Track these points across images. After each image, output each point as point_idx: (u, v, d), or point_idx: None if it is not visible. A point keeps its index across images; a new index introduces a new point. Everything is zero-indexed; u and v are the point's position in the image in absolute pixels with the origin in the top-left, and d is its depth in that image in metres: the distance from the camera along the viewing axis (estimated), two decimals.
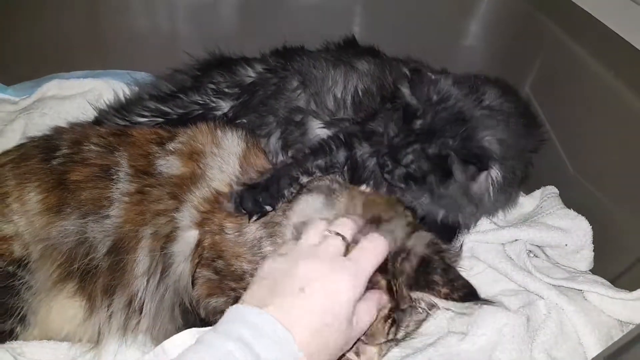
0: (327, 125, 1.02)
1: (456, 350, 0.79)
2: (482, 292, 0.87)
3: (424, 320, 0.77)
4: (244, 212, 0.84)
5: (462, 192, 0.86)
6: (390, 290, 0.69)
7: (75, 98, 1.19)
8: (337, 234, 0.66)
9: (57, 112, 1.15)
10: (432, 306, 0.71)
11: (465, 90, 0.87)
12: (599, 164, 0.98)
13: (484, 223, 0.97)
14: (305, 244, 0.66)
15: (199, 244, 0.85)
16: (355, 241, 0.68)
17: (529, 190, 1.07)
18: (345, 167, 0.96)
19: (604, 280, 0.85)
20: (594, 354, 0.75)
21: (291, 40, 1.17)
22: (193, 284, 0.84)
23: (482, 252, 0.92)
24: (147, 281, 0.83)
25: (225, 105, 1.07)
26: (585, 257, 0.90)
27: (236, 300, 0.81)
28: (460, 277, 0.69)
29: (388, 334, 0.71)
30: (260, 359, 0.52)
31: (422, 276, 0.68)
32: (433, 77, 0.89)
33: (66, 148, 0.90)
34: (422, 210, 0.91)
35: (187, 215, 0.85)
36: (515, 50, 1.19)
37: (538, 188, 1.05)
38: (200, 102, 1.07)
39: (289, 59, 1.11)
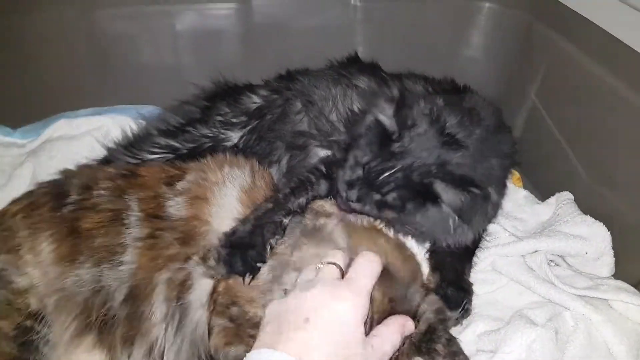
0: (325, 147, 1.01)
1: None
2: (508, 306, 0.90)
3: None
4: (237, 274, 0.82)
5: (446, 215, 0.83)
6: None
7: (83, 137, 1.18)
8: (329, 263, 0.68)
9: (66, 153, 1.15)
10: None
11: (429, 120, 0.86)
12: (612, 167, 0.98)
13: (502, 236, 0.97)
14: (302, 281, 0.68)
15: (214, 290, 0.83)
16: (348, 266, 0.69)
17: (544, 197, 1.07)
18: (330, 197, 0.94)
19: (628, 286, 0.85)
20: None
21: (295, 64, 1.18)
22: (209, 333, 0.82)
23: (503, 265, 0.92)
24: (166, 328, 0.82)
25: (234, 136, 1.07)
26: (606, 264, 0.90)
27: None
28: (461, 352, 0.71)
29: None
30: None
31: (425, 344, 0.69)
32: (414, 101, 0.89)
33: (76, 194, 0.89)
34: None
35: (198, 266, 0.84)
36: (518, 59, 1.20)
37: (553, 195, 1.05)
38: (210, 134, 1.07)
39: (291, 81, 1.11)
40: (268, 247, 0.84)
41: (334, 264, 0.68)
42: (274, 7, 1.27)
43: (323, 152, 1.01)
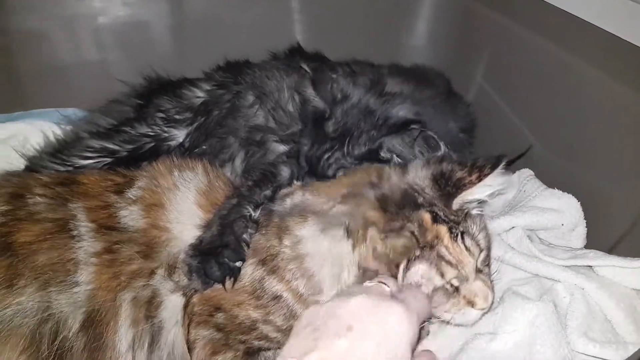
0: (284, 141, 0.95)
1: (490, 353, 0.75)
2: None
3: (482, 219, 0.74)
4: (216, 282, 0.74)
5: None
6: (435, 217, 0.68)
7: None
8: (380, 282, 0.62)
9: None
10: (479, 203, 0.71)
11: (367, 85, 0.86)
12: (566, 136, 0.99)
13: None
14: (345, 289, 0.62)
15: (186, 304, 0.75)
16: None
17: None
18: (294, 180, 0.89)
19: (605, 254, 0.85)
20: (625, 329, 0.74)
21: (233, 56, 1.10)
22: (190, 349, 0.74)
23: None
24: (134, 356, 0.71)
25: (179, 134, 0.98)
26: (580, 234, 0.90)
27: (247, 352, 0.74)
28: (477, 159, 0.70)
29: (467, 249, 0.68)
30: None
31: (447, 186, 0.68)
32: (333, 75, 0.88)
33: (4, 204, 0.75)
34: None
35: (165, 282, 0.75)
36: (462, 44, 1.21)
37: (513, 173, 1.05)
38: (151, 133, 0.97)
39: (238, 73, 1.03)
40: (243, 244, 0.76)
41: (385, 284, 0.61)
42: None
43: (282, 147, 0.94)
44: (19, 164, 0.96)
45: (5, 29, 1.08)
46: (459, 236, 0.67)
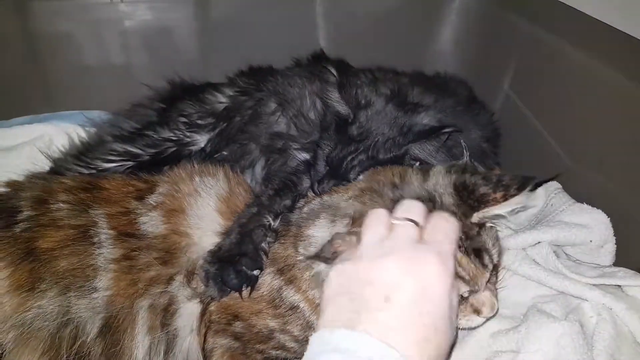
0: (305, 149, 0.94)
1: None
2: (516, 302, 0.85)
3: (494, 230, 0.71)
4: (232, 291, 0.73)
5: None
6: None
7: (22, 148, 1.04)
8: (407, 219, 0.57)
9: (3, 167, 0.99)
10: (497, 217, 0.67)
11: (389, 94, 0.86)
12: (597, 150, 0.96)
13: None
14: (371, 241, 0.56)
15: (203, 312, 0.74)
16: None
17: None
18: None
19: (636, 273, 0.82)
20: None
21: (256, 61, 1.09)
22: (207, 357, 0.74)
23: (504, 259, 0.87)
24: None
25: (201, 139, 0.98)
26: (609, 251, 0.87)
27: None
28: (505, 175, 0.66)
29: (483, 266, 0.65)
30: None
31: (470, 199, 0.65)
32: (357, 81, 0.88)
33: (29, 209, 0.76)
34: None
35: (183, 288, 0.75)
36: (488, 51, 1.18)
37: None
38: (173, 138, 0.97)
39: (261, 80, 1.03)
40: (262, 253, 0.75)
41: (412, 220, 0.56)
42: (232, 0, 1.17)
43: (303, 156, 0.93)
44: (44, 164, 0.97)
45: (33, 33, 1.10)
46: (473, 253, 0.65)
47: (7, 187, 0.81)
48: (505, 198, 0.62)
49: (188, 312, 0.73)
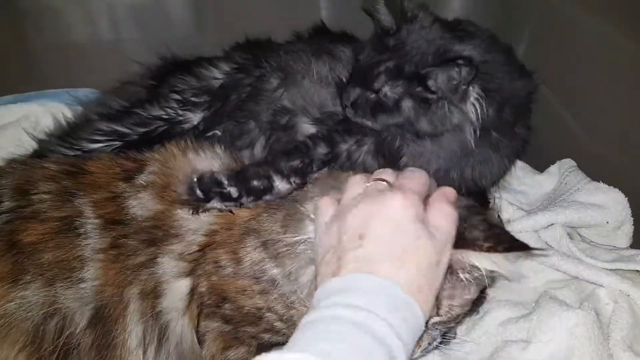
0: (317, 122, 0.88)
1: None
2: (527, 288, 0.80)
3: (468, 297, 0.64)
4: (201, 196, 0.70)
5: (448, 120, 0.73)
6: None
7: (6, 129, 1.00)
8: (379, 179, 0.62)
9: None
10: (472, 268, 0.60)
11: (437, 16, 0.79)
12: (615, 125, 0.89)
13: (509, 210, 0.87)
14: (348, 199, 0.61)
15: (192, 292, 0.71)
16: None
17: (541, 168, 0.98)
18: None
19: None
20: None
21: (253, 33, 1.03)
22: (200, 341, 0.71)
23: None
24: (144, 353, 0.69)
25: (194, 118, 0.92)
26: (626, 233, 0.83)
27: (259, 348, 0.70)
28: (506, 232, 0.61)
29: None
30: (377, 315, 0.48)
31: (462, 235, 0.59)
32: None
33: (9, 200, 0.73)
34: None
35: (170, 265, 0.71)
36: (501, 21, 1.10)
37: (552, 163, 0.97)
38: (164, 116, 0.91)
39: (261, 55, 0.96)
40: (248, 185, 0.73)
41: (383, 180, 0.62)
42: None
43: (313, 129, 0.87)
44: (30, 146, 0.92)
45: (18, 7, 1.04)
46: None
47: None
48: (488, 250, 0.56)
49: (174, 292, 0.70)
